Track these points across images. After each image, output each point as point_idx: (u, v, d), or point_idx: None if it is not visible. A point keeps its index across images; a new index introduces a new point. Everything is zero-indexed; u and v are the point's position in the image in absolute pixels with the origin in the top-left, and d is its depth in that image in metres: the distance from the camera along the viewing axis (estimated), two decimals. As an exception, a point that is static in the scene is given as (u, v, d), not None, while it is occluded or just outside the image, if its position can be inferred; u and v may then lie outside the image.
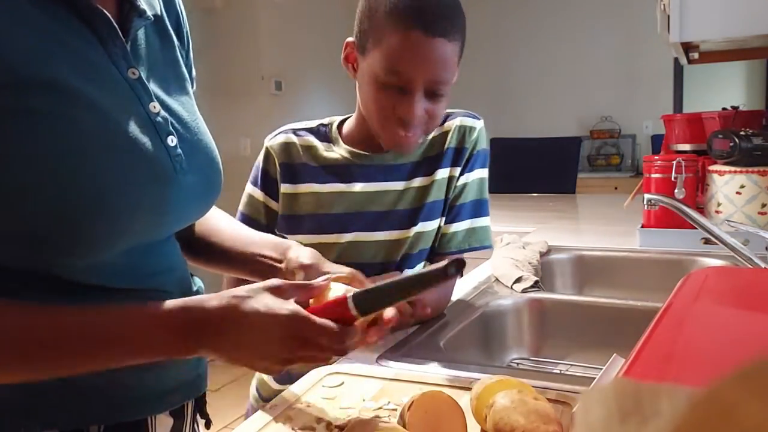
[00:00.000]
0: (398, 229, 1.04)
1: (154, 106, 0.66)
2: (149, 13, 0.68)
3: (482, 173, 1.10)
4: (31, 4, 0.58)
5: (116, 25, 0.63)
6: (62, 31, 0.60)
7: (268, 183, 1.07)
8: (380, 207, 1.04)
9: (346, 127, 1.09)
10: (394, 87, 0.92)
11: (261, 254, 0.86)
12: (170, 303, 0.61)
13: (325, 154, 1.06)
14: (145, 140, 0.63)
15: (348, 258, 1.01)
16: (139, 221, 0.63)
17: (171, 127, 0.67)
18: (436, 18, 0.89)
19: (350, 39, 0.99)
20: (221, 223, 0.90)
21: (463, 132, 1.07)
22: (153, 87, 0.67)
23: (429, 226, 1.06)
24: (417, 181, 1.05)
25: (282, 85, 4.33)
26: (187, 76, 0.77)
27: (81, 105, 0.58)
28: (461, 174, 1.07)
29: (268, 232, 1.02)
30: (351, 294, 0.63)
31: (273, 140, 1.08)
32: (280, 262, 0.84)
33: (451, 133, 1.07)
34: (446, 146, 1.07)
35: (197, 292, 0.80)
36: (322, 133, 1.08)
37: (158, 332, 0.60)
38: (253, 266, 0.86)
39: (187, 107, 0.73)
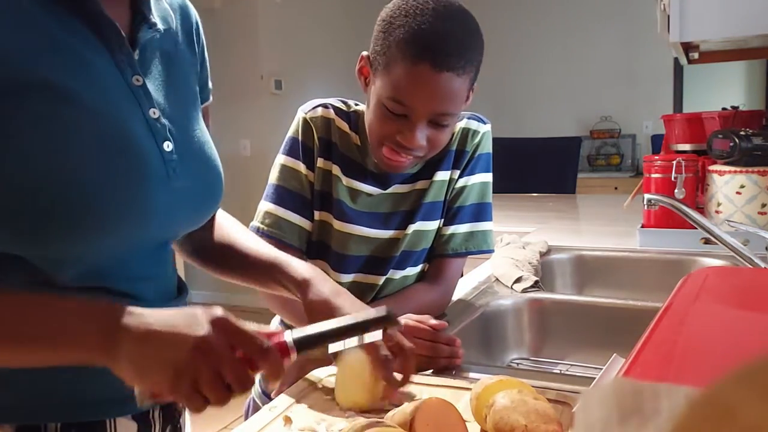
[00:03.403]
0: (396, 229, 1.05)
1: (154, 112, 0.68)
2: (161, 26, 0.72)
3: (484, 177, 1.09)
4: (42, 10, 0.61)
5: (124, 35, 0.66)
6: (68, 37, 0.62)
7: (308, 156, 1.04)
8: (385, 209, 1.06)
9: None
10: (398, 114, 0.91)
11: (281, 282, 0.84)
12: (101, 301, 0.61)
13: (353, 145, 1.05)
14: (139, 143, 0.66)
15: (349, 249, 1.03)
16: (127, 220, 0.65)
17: (168, 133, 0.69)
18: (446, 53, 0.86)
19: (365, 53, 0.97)
20: (239, 235, 0.89)
21: (466, 134, 1.07)
22: (156, 95, 0.70)
23: (428, 226, 1.06)
24: (419, 184, 1.06)
25: (282, 85, 4.33)
26: (196, 90, 0.80)
27: (76, 107, 0.61)
28: (461, 176, 1.07)
29: (311, 209, 1.03)
30: (291, 335, 0.62)
31: (312, 112, 1.05)
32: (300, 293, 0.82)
33: (454, 135, 1.07)
34: (448, 148, 1.06)
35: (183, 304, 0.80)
36: (354, 122, 1.06)
37: (76, 318, 0.59)
38: (269, 285, 0.86)
39: (190, 117, 0.75)
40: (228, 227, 0.90)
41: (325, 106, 1.06)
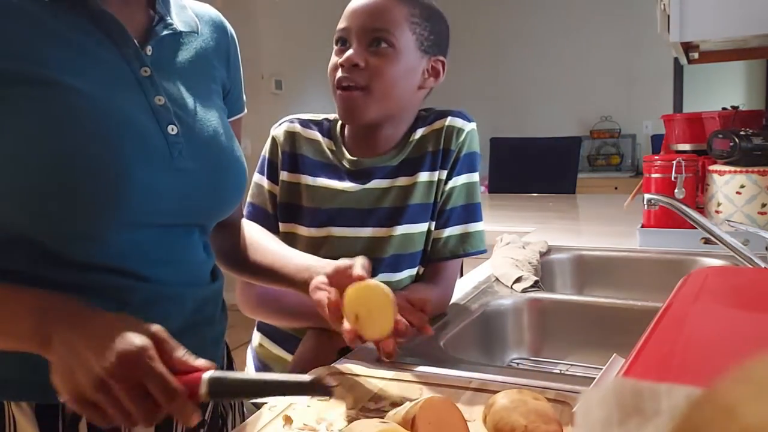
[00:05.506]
0: (381, 227, 1.05)
1: (160, 99, 0.71)
2: (181, 28, 0.78)
3: (471, 177, 1.09)
4: (43, 10, 0.66)
5: (126, 28, 0.70)
6: (70, 33, 0.67)
7: (272, 171, 1.09)
8: (366, 205, 1.05)
9: (347, 130, 1.11)
10: (341, 45, 1.00)
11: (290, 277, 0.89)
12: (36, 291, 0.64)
13: (325, 150, 1.08)
14: (140, 125, 0.69)
15: (334, 252, 1.03)
16: (130, 196, 0.67)
17: (174, 117, 0.72)
18: None
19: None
20: (255, 236, 0.97)
21: (450, 133, 1.06)
22: (167, 85, 0.74)
23: (415, 229, 1.06)
24: (400, 181, 1.06)
25: (282, 85, 4.33)
26: (220, 91, 0.84)
27: (74, 92, 0.64)
28: (448, 178, 1.07)
29: (274, 220, 1.07)
30: (209, 375, 0.59)
31: (278, 129, 1.10)
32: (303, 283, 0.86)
33: (437, 133, 1.07)
34: (431, 147, 1.06)
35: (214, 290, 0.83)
36: (326, 129, 1.10)
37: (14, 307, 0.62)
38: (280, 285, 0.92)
39: (207, 110, 0.78)
40: (249, 234, 0.97)
41: (290, 121, 1.11)
